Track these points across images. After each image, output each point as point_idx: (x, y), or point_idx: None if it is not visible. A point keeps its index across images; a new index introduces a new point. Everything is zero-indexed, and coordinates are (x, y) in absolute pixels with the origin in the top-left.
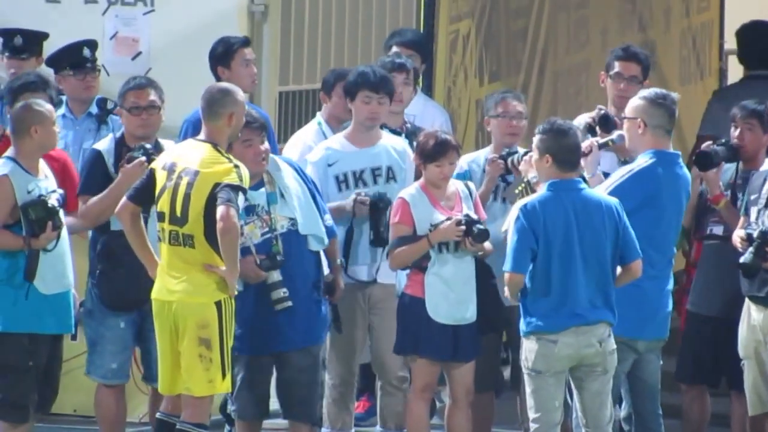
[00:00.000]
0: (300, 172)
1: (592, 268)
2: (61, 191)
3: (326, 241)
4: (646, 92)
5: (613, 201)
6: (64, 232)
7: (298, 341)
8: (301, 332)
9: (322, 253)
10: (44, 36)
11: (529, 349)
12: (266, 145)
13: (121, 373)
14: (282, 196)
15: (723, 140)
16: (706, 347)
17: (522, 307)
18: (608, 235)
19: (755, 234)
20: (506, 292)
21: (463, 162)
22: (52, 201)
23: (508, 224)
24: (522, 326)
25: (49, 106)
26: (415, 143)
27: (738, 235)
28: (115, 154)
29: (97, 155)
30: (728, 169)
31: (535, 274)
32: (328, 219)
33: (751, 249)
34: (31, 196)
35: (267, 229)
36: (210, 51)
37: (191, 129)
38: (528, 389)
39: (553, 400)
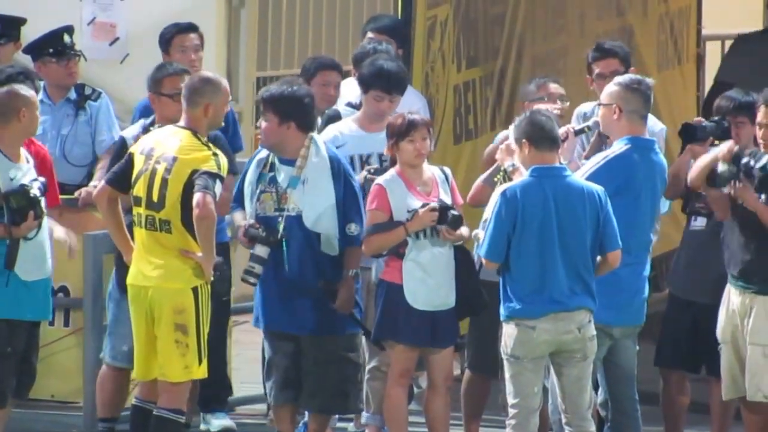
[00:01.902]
0: (339, 174)
1: (572, 255)
2: (42, 179)
3: (336, 248)
4: (621, 78)
5: (597, 188)
6: (45, 221)
7: (308, 328)
8: (310, 320)
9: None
10: (22, 21)
11: (507, 334)
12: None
13: (131, 356)
14: (303, 184)
15: (716, 118)
16: (685, 332)
17: (501, 293)
18: (589, 223)
19: (753, 166)
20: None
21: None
22: (34, 190)
23: (489, 210)
24: (501, 311)
25: (32, 92)
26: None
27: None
28: None
29: (122, 143)
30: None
31: (514, 259)
32: (354, 228)
33: (731, 165)
34: (12, 183)
35: (277, 206)
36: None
37: (138, 115)
38: (506, 375)
39: (532, 385)
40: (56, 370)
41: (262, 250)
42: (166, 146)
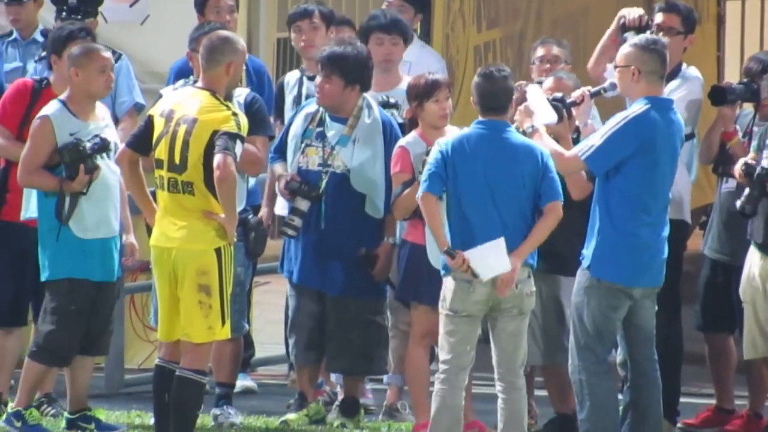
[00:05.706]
0: (390, 138)
1: (510, 210)
2: (103, 137)
3: (381, 210)
4: (636, 39)
5: (539, 147)
6: (110, 179)
7: (336, 288)
8: (340, 280)
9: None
10: None
11: (446, 288)
12: (328, 86)
13: None
14: (354, 143)
15: (745, 80)
16: (722, 293)
17: None
18: (527, 179)
19: (755, 174)
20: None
21: None
22: (85, 144)
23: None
24: (441, 265)
25: (108, 53)
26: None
27: (740, 165)
28: None
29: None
30: (747, 115)
31: (451, 213)
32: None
33: (745, 193)
34: (68, 139)
35: (322, 162)
36: None
37: (173, 76)
38: (442, 330)
39: (465, 344)
40: None
41: (302, 204)
42: (186, 108)
